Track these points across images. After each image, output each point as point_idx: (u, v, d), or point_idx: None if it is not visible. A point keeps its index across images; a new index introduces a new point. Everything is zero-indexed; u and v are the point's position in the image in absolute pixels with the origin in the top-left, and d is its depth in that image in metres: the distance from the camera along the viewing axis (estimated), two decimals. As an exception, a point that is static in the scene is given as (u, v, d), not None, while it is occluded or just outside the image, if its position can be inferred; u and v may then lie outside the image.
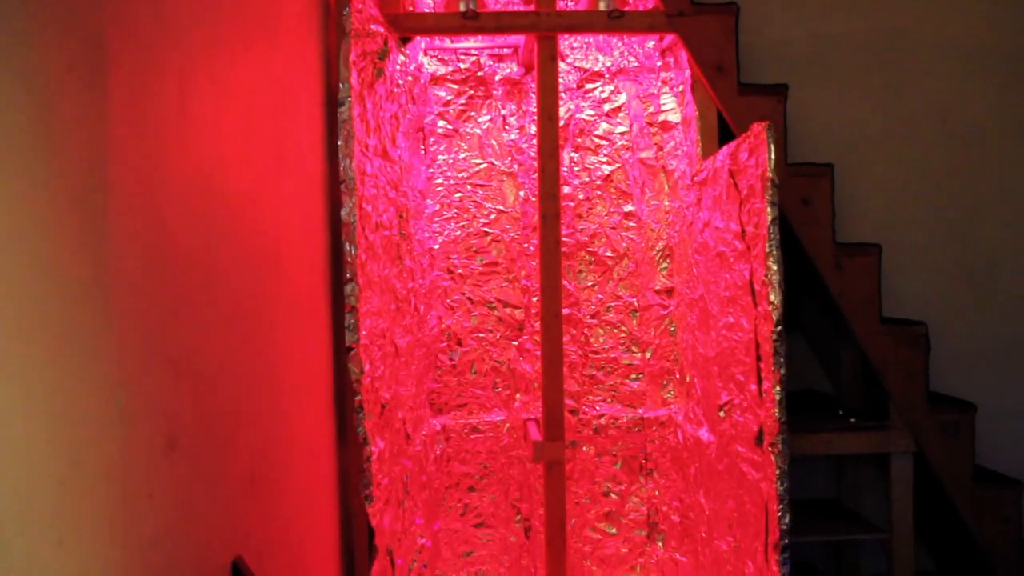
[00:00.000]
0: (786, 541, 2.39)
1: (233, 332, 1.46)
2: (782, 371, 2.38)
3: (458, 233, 3.33)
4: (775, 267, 2.39)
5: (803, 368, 3.51)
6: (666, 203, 3.33)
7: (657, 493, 3.32)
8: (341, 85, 2.31)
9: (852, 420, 3.08)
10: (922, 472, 3.07)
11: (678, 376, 3.27)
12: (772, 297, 2.38)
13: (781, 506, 2.40)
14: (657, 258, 3.33)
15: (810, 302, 3.44)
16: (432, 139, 3.36)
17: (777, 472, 2.40)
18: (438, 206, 3.33)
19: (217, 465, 1.36)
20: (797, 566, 2.47)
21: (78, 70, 0.97)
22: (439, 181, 3.34)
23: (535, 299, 3.24)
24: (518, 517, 3.31)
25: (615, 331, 3.35)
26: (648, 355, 3.33)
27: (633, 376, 3.34)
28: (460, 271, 3.32)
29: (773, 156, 2.35)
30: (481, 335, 3.31)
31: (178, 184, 1.25)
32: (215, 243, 1.39)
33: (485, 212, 3.34)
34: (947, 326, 3.47)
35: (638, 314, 3.35)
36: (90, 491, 0.94)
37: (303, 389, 2.02)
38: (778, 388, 2.39)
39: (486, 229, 3.34)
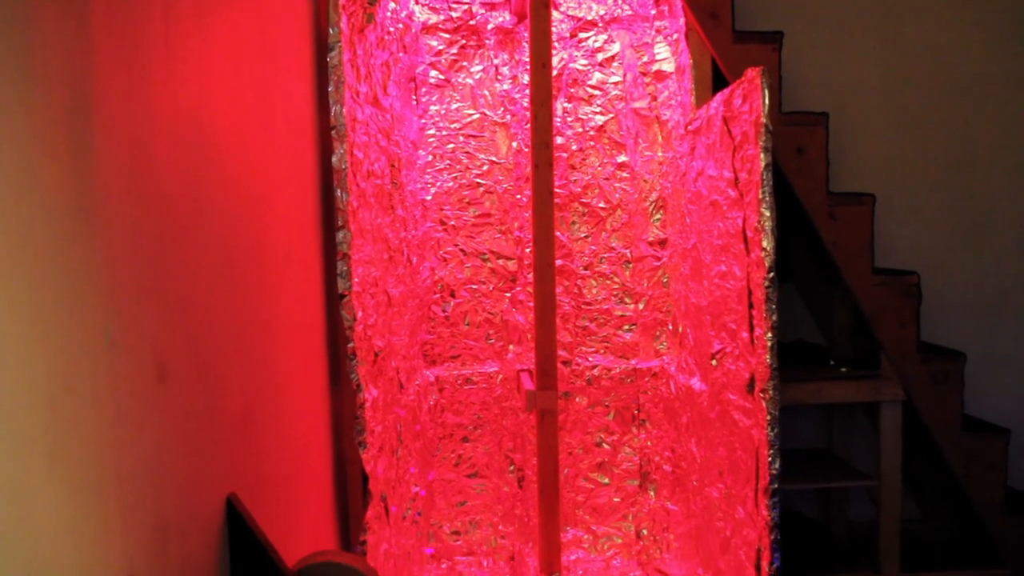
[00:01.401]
0: (776, 486, 2.42)
1: (223, 270, 1.46)
2: (774, 318, 2.39)
3: (451, 184, 3.31)
4: (768, 213, 2.38)
5: (795, 319, 3.52)
6: (660, 154, 3.31)
7: (649, 443, 3.35)
8: (331, 30, 2.28)
9: (843, 370, 3.11)
10: (910, 421, 3.10)
11: (671, 327, 3.28)
12: (765, 244, 2.38)
13: (771, 452, 2.42)
14: (650, 209, 3.32)
15: (802, 253, 3.44)
16: (424, 89, 3.32)
17: (768, 418, 2.42)
18: (430, 157, 3.31)
19: (209, 401, 1.36)
20: (786, 514, 2.51)
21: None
22: (431, 132, 3.31)
23: (528, 250, 3.24)
24: (511, 467, 3.34)
25: (608, 282, 3.35)
26: (641, 306, 3.34)
27: (626, 327, 3.35)
28: (453, 222, 3.31)
29: (767, 101, 2.33)
30: (474, 286, 3.31)
31: (164, 117, 1.24)
32: (203, 179, 1.38)
33: (478, 163, 3.32)
34: (938, 276, 3.48)
35: (631, 265, 3.35)
36: (81, 417, 0.95)
37: (295, 335, 2.02)
38: (770, 335, 2.40)
39: (479, 180, 3.33)
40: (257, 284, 1.67)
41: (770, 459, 2.42)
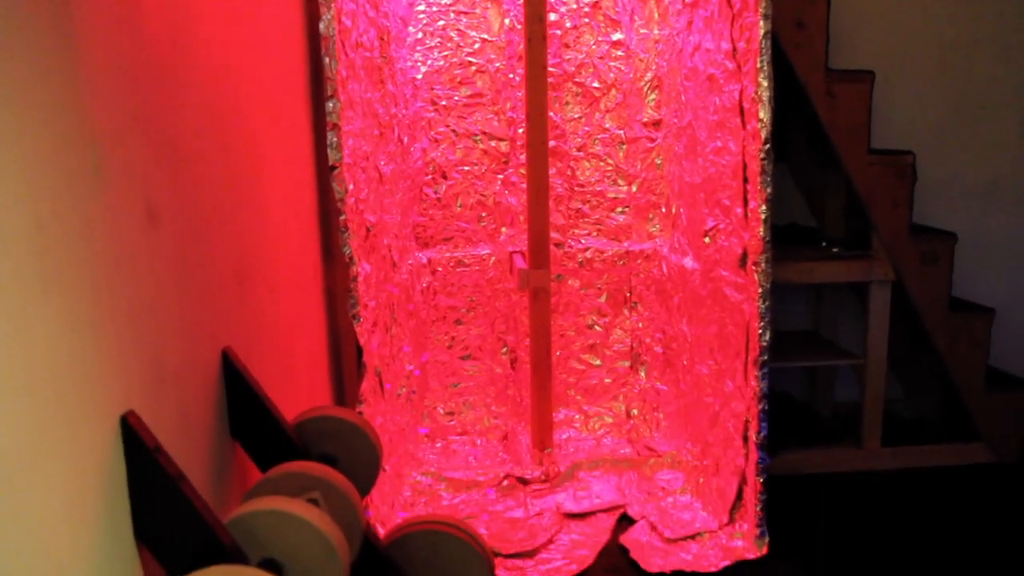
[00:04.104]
0: (765, 357, 2.46)
1: (208, 123, 1.43)
2: (768, 190, 2.38)
3: (441, 63, 3.23)
4: (765, 84, 2.34)
5: (788, 202, 3.51)
6: (656, 31, 3.22)
7: (640, 325, 3.38)
8: None
9: (835, 250, 3.11)
10: (898, 304, 3.13)
11: (663, 210, 3.26)
12: (762, 115, 2.35)
13: (762, 324, 2.45)
14: (645, 89, 3.25)
15: (797, 135, 3.40)
16: (412, -38, 3.20)
17: (760, 291, 2.44)
18: (420, 34, 3.21)
19: (201, 254, 1.35)
20: (773, 395, 2.55)
21: None
22: (421, 8, 3.20)
23: (520, 131, 3.19)
24: (504, 349, 3.38)
25: (601, 164, 3.31)
26: (634, 188, 3.31)
27: (619, 209, 3.34)
28: (444, 102, 3.24)
29: (768, -35, 2.26)
30: (466, 168, 3.27)
31: (143, -49, 1.18)
32: (186, 30, 1.33)
33: (469, 41, 3.23)
34: (933, 160, 3.45)
35: (625, 147, 3.31)
36: (72, 243, 0.93)
37: (286, 205, 2.00)
38: (764, 208, 2.40)
39: (470, 59, 3.24)
40: (247, 142, 1.64)
41: (760, 331, 2.45)
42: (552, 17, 3.17)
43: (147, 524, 1.09)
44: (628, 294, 3.38)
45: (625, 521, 2.81)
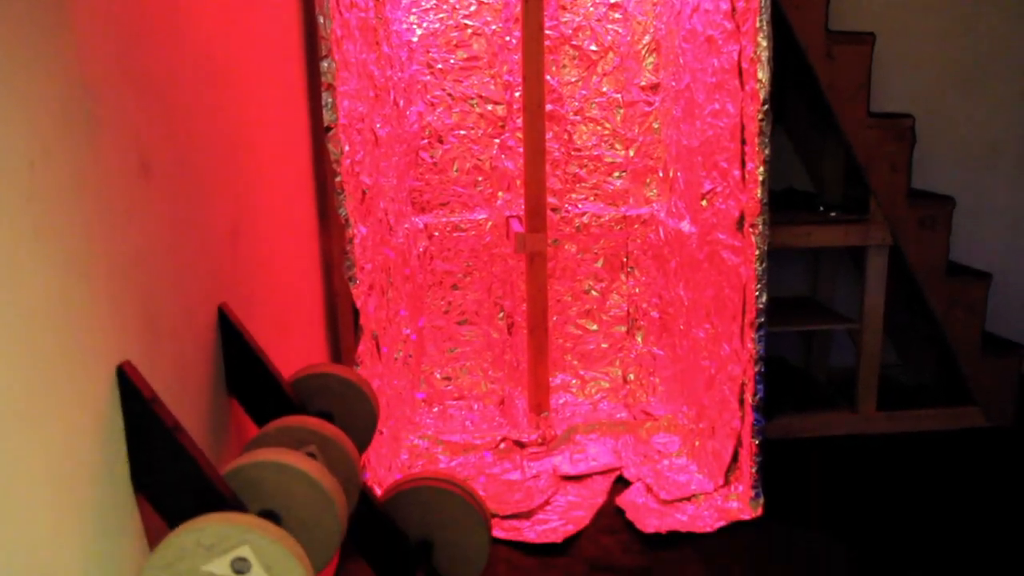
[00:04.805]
0: (762, 320, 2.47)
1: (201, 77, 1.41)
2: (766, 151, 2.37)
3: (437, 26, 3.19)
4: (764, 43, 2.32)
5: (786, 167, 3.49)
6: (654, -7, 3.18)
7: (637, 290, 3.38)
8: None
9: (832, 214, 3.11)
10: (895, 269, 3.13)
11: (661, 174, 3.25)
12: (760, 75, 2.33)
13: (759, 286, 2.45)
14: (643, 52, 3.22)
15: (796, 99, 3.38)
16: (408, -78, 3.15)
17: (756, 253, 2.44)
18: (416, -4, 3.18)
19: (195, 208, 1.34)
20: (769, 360, 2.56)
21: None
22: (416, -31, 3.16)
23: (517, 94, 3.16)
24: (501, 314, 3.38)
25: (598, 128, 3.29)
26: (631, 153, 3.29)
27: (616, 174, 3.32)
28: (440, 66, 3.21)
29: (769, -78, 2.23)
30: (462, 132, 3.25)
31: None
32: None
33: (465, 3, 3.19)
34: (933, 124, 3.44)
35: (622, 110, 3.28)
36: (63, 188, 0.93)
37: (282, 165, 1.98)
38: (761, 169, 2.39)
39: (466, 21, 3.21)
40: (238, 102, 1.62)
41: (757, 294, 2.45)
42: (549, -22, 3.13)
43: (145, 474, 1.09)
44: (625, 259, 3.38)
45: (621, 483, 2.83)
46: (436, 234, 3.29)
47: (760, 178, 2.38)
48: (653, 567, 2.33)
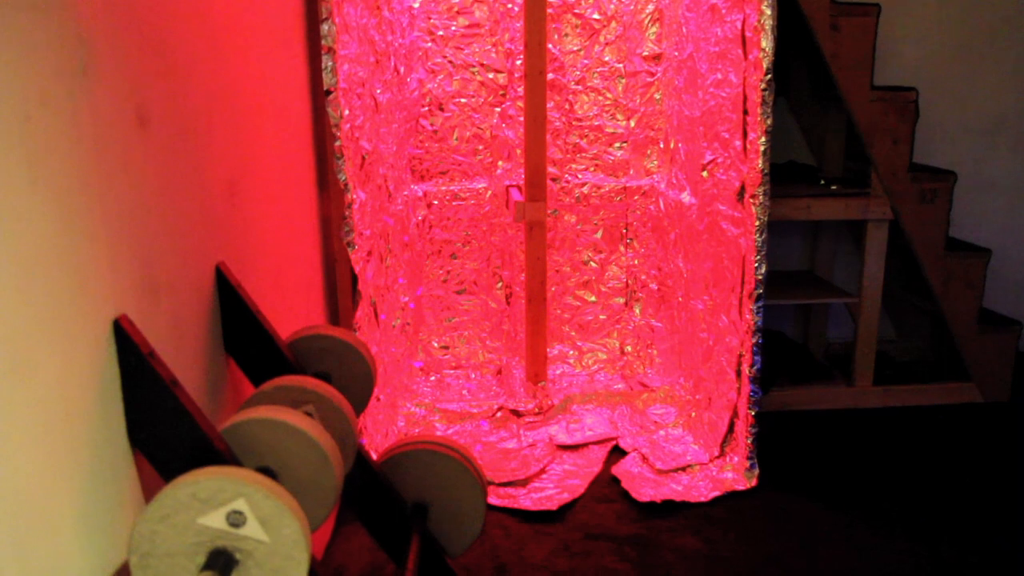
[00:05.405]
0: (761, 291, 2.46)
1: (204, 33, 1.39)
2: (768, 121, 2.35)
3: (439, -9, 3.16)
4: (769, 12, 2.30)
5: (787, 141, 3.48)
6: (658, -39, 3.15)
7: (636, 262, 3.38)
8: None
9: (833, 187, 3.10)
10: (894, 244, 3.12)
11: (662, 145, 3.23)
12: (764, 44, 2.31)
13: (758, 257, 2.45)
14: (646, 22, 3.19)
15: (799, 70, 3.36)
16: None
17: (757, 224, 2.43)
18: (417, -39, 3.14)
19: (193, 164, 1.33)
20: (767, 333, 2.56)
21: None
22: (418, -67, 3.13)
23: (518, 63, 3.13)
24: (499, 284, 3.38)
25: (600, 98, 3.27)
26: (632, 124, 3.27)
27: (617, 145, 3.30)
28: (441, 33, 3.18)
29: None
30: (463, 100, 3.22)
31: None
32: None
33: (467, -31, 3.16)
34: (937, 96, 3.42)
35: (624, 80, 3.26)
36: (60, 138, 0.92)
37: (282, 124, 1.97)
38: (763, 140, 2.37)
39: (468, -13, 3.17)
40: (238, 60, 1.60)
41: (756, 264, 2.44)
42: (552, -55, 3.10)
43: (141, 428, 1.09)
44: (624, 230, 3.37)
45: (617, 453, 2.84)
46: (435, 203, 3.27)
47: (762, 148, 2.37)
48: (647, 535, 2.35)
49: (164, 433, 1.10)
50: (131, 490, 1.09)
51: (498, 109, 3.23)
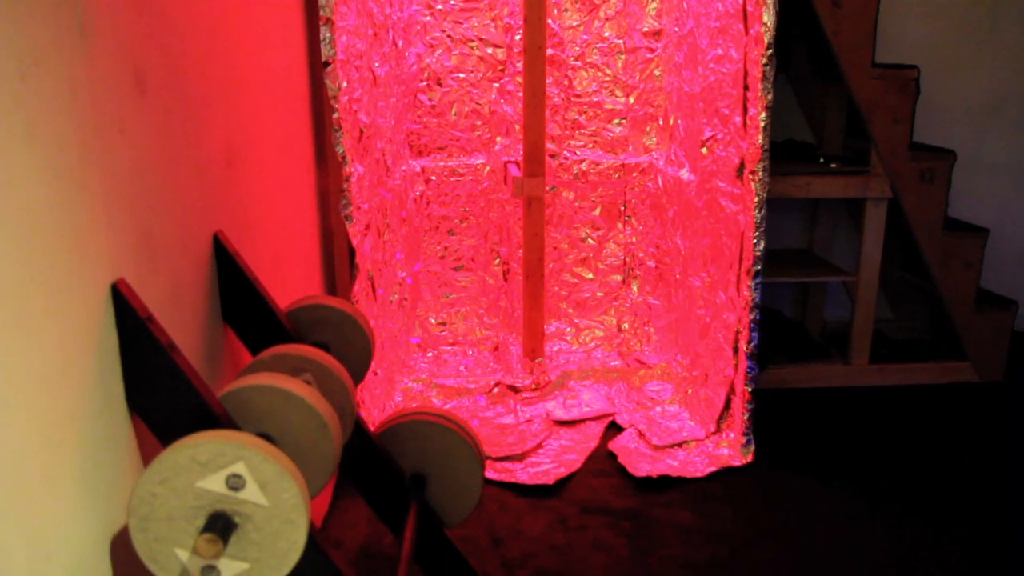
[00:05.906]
0: (759, 267, 2.46)
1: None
2: (769, 97, 2.34)
3: (438, -36, 3.13)
4: (771, -15, 2.28)
5: (787, 118, 3.46)
6: (659, -65, 3.12)
7: (634, 239, 3.37)
8: None
9: (832, 166, 3.09)
10: (893, 223, 3.12)
11: (661, 122, 3.21)
12: (765, 18, 2.30)
13: (757, 233, 2.44)
14: (647, -3, 3.17)
15: (800, 49, 3.34)
16: None
17: (756, 200, 2.42)
18: (416, -67, 3.11)
19: (191, 128, 1.32)
20: (764, 311, 2.56)
21: None
22: (417, -95, 3.09)
23: (517, 38, 3.11)
24: (497, 260, 3.37)
25: (599, 74, 3.25)
26: (632, 100, 3.26)
27: (616, 121, 3.29)
28: (439, 7, 3.15)
29: None
30: (462, 75, 3.20)
31: None
32: None
33: (466, -59, 3.13)
34: (938, 75, 3.40)
35: (623, 56, 3.24)
36: (57, 97, 0.91)
37: (279, 94, 1.95)
38: (763, 115, 2.36)
39: (467, -39, 3.14)
40: (236, 27, 1.59)
41: (755, 241, 2.44)
42: (553, -82, 3.07)
43: (139, 393, 1.09)
44: (623, 208, 3.36)
45: (614, 429, 2.85)
46: (433, 178, 3.26)
47: (762, 124, 2.36)
48: (643, 510, 2.36)
49: (162, 398, 1.09)
50: (130, 454, 1.09)
51: (497, 84, 3.21)
